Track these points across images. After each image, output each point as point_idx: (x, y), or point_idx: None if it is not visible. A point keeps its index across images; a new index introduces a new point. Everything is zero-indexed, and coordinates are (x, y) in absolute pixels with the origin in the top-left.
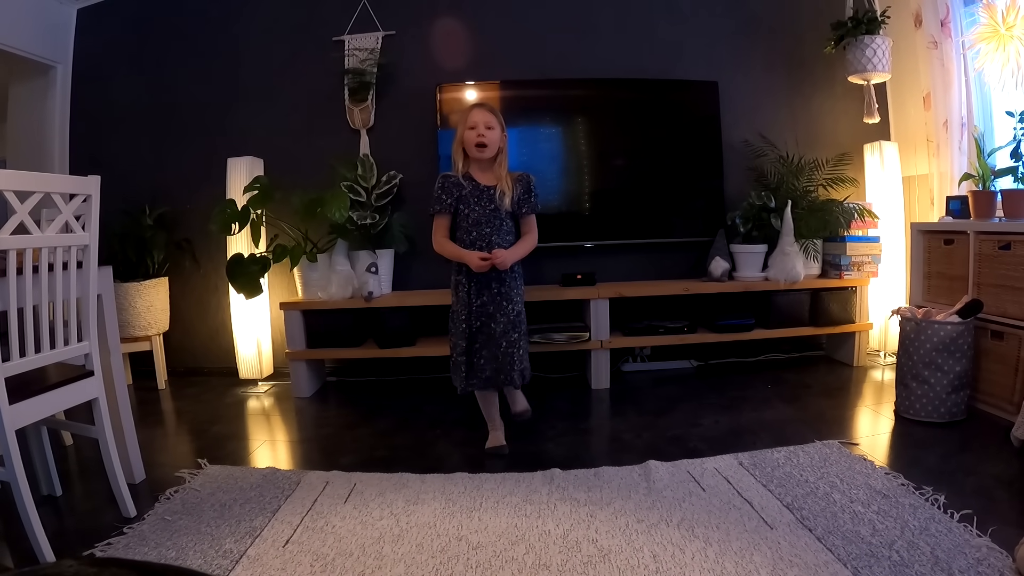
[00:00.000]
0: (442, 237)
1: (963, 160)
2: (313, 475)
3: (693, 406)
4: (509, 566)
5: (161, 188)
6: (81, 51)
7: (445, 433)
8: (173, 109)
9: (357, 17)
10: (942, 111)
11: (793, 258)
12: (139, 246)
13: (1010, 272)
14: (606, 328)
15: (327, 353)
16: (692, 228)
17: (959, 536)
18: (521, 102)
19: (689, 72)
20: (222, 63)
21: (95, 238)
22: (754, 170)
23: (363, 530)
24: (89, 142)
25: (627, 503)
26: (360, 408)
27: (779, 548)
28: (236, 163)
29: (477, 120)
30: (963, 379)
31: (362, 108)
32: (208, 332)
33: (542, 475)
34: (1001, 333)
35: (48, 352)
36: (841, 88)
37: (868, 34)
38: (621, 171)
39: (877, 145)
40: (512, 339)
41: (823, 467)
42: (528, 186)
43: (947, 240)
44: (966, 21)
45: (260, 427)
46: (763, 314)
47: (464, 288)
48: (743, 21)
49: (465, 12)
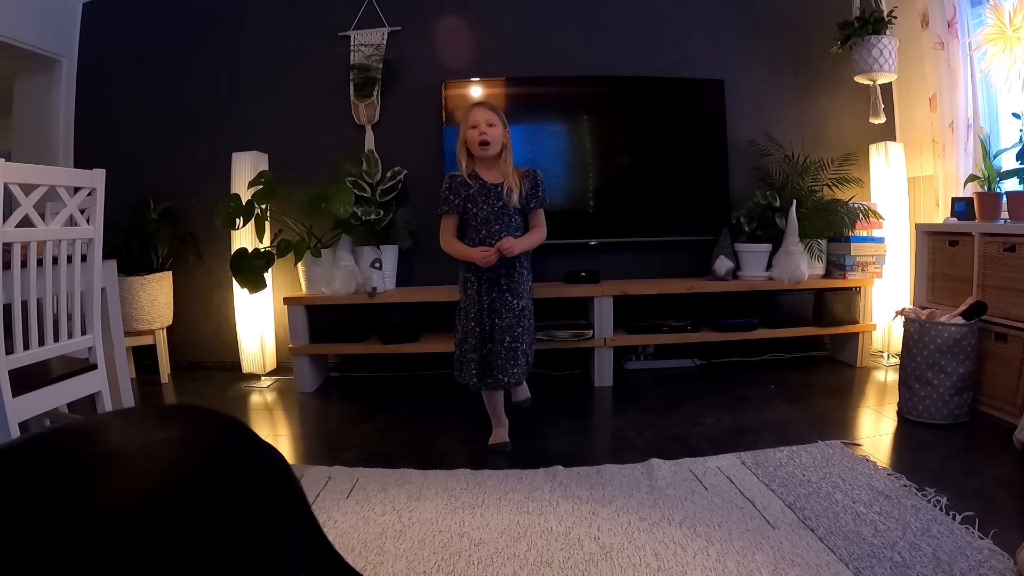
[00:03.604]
0: (450, 237)
1: (969, 161)
2: (315, 470)
3: (696, 405)
4: (511, 563)
5: (166, 182)
6: (86, 45)
7: (448, 429)
8: (178, 103)
9: (363, 13)
10: (948, 112)
11: (797, 258)
12: (143, 240)
13: (1015, 274)
14: (610, 326)
15: (330, 348)
16: (696, 227)
17: (961, 538)
18: (526, 99)
19: (695, 70)
20: (227, 57)
21: (100, 231)
22: (759, 169)
23: (365, 525)
24: (94, 136)
25: (629, 501)
26: (363, 404)
27: (781, 548)
28: (241, 158)
29: (478, 119)
30: (966, 381)
31: (367, 104)
32: (212, 327)
33: (544, 472)
34: (1005, 335)
35: (52, 345)
36: (847, 88)
37: (875, 34)
38: (626, 169)
39: (883, 145)
40: (516, 334)
41: (825, 467)
42: (535, 181)
43: (952, 241)
44: (973, 22)
45: (263, 422)
46: (767, 314)
47: (473, 285)
48: (750, 20)
49: (471, 8)
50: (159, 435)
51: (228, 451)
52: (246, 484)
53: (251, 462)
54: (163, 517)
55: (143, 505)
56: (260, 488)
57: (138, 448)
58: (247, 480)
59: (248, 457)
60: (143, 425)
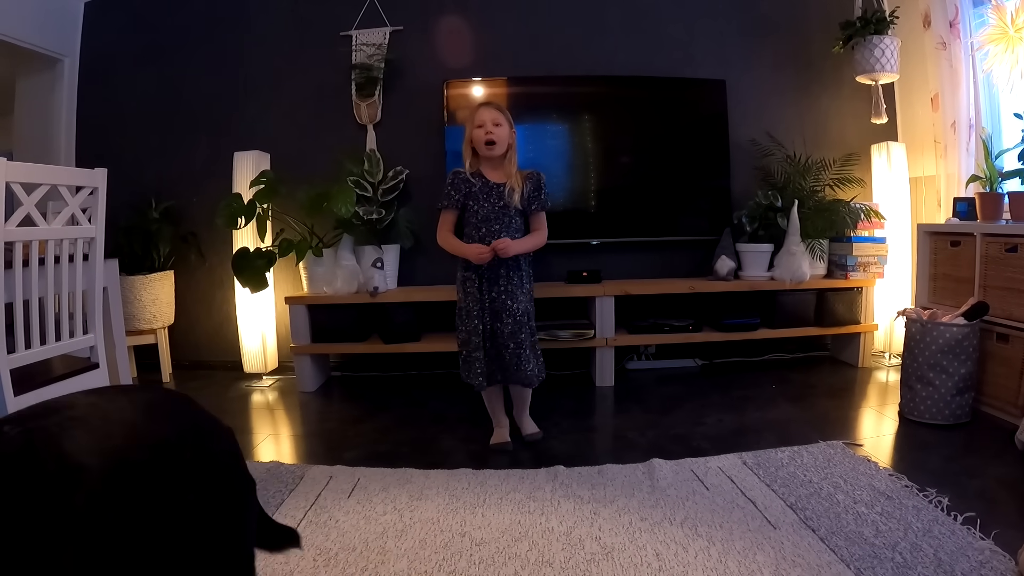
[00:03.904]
0: (447, 231)
1: (970, 162)
2: (317, 470)
3: (697, 405)
4: (512, 563)
5: (167, 181)
6: (88, 44)
7: (449, 429)
8: (180, 102)
9: (365, 12)
10: (950, 112)
11: (799, 258)
12: (145, 239)
13: (1016, 275)
14: (611, 326)
15: (332, 348)
16: (698, 227)
17: (962, 539)
18: (528, 99)
19: (697, 70)
20: (230, 57)
21: (101, 231)
22: (761, 169)
23: (366, 525)
24: (96, 135)
25: (631, 501)
26: (364, 403)
27: (782, 548)
28: (243, 157)
29: (485, 118)
30: (968, 381)
31: (369, 103)
32: (213, 326)
33: (546, 472)
34: (1007, 336)
35: (54, 344)
36: (849, 88)
37: (876, 34)
38: (628, 169)
39: (884, 146)
40: (520, 340)
41: (827, 467)
42: (538, 183)
43: (954, 242)
44: (975, 22)
45: (264, 421)
46: (768, 314)
47: (475, 284)
48: (752, 20)
49: (472, 8)
50: (123, 402)
51: (184, 413)
52: (204, 442)
53: (205, 422)
54: (135, 471)
55: (118, 459)
56: (219, 445)
57: (105, 414)
58: (206, 438)
59: (202, 419)
60: (109, 396)
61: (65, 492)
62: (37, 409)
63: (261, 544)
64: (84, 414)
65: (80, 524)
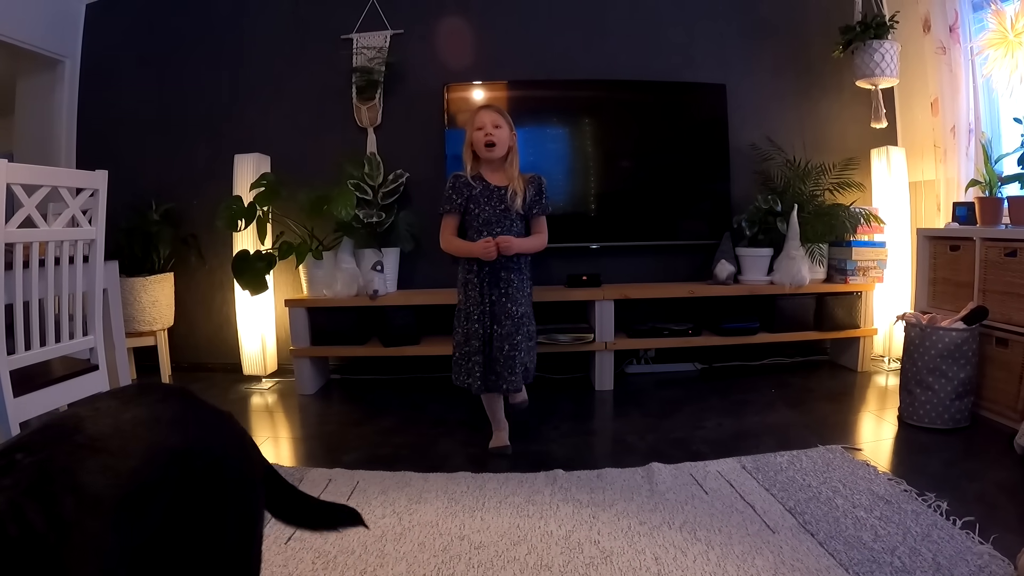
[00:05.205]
0: (450, 236)
1: (970, 166)
2: (316, 472)
3: (696, 409)
4: (511, 566)
5: (168, 183)
6: (89, 46)
7: (448, 432)
8: (181, 105)
9: (365, 15)
10: (950, 117)
11: (799, 262)
12: (145, 241)
13: (1016, 279)
14: (610, 330)
15: (331, 351)
16: (698, 231)
17: (961, 543)
18: (528, 102)
19: (697, 74)
20: (230, 59)
21: (102, 232)
22: (761, 173)
23: (365, 528)
24: (96, 137)
25: (629, 505)
26: (364, 406)
27: (781, 552)
28: (243, 160)
29: (485, 121)
30: (967, 386)
31: (369, 106)
32: (213, 328)
33: (545, 476)
34: (1006, 340)
35: (53, 346)
36: (849, 92)
37: (876, 39)
38: (627, 172)
39: (884, 150)
40: (515, 342)
41: (826, 472)
42: (540, 188)
43: (953, 246)
44: (975, 27)
45: (263, 424)
46: (768, 318)
47: (476, 287)
48: (751, 24)
49: (473, 12)
50: (127, 416)
51: (190, 420)
52: (210, 444)
53: (222, 431)
54: (149, 492)
55: (135, 484)
56: (224, 442)
57: (120, 430)
58: (210, 439)
59: (220, 428)
60: (123, 404)
61: (80, 525)
62: (50, 434)
63: (308, 525)
64: (98, 434)
65: (90, 547)
